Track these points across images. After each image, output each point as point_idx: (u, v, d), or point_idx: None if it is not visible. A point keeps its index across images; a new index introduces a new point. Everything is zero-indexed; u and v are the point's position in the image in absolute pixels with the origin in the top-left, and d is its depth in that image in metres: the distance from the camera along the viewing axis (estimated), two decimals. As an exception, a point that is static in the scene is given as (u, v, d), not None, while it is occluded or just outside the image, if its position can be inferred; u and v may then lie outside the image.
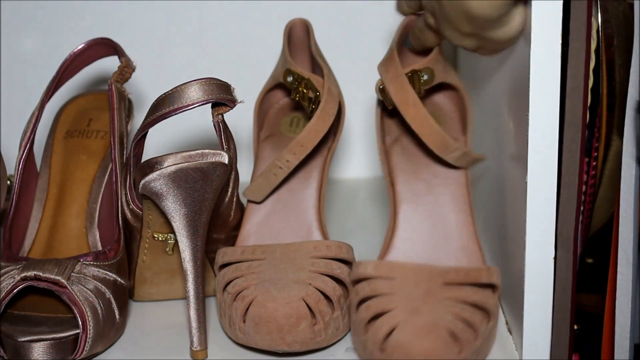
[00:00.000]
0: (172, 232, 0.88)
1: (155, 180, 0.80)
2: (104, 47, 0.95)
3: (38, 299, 0.84)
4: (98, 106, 0.99)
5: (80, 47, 0.94)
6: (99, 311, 0.81)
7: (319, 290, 0.82)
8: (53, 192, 0.93)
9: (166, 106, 0.82)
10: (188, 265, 0.82)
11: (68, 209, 0.92)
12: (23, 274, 0.81)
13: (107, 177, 0.93)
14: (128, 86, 0.95)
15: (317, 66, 0.94)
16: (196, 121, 1.05)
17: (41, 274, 0.81)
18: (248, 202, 0.92)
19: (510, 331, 0.86)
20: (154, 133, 0.87)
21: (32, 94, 0.98)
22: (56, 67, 0.93)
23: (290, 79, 0.92)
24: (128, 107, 0.95)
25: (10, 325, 0.81)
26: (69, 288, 0.81)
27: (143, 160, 0.84)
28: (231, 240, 0.91)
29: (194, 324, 0.82)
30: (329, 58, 0.97)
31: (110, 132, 0.91)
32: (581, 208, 0.84)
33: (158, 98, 0.83)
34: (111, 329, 0.83)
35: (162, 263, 0.90)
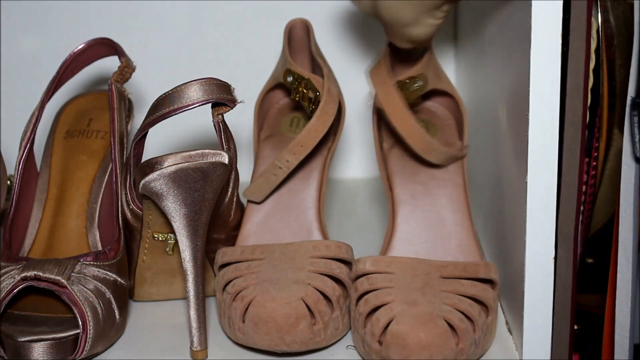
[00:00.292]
0: (172, 232, 0.88)
1: (155, 180, 0.80)
2: (104, 47, 0.95)
3: (38, 299, 0.83)
4: (98, 106, 0.99)
5: (80, 47, 0.94)
6: (99, 311, 0.81)
7: (318, 290, 0.82)
8: (53, 192, 0.93)
9: (166, 106, 0.82)
10: (188, 265, 0.82)
11: (68, 209, 0.92)
12: (23, 274, 0.81)
13: (107, 177, 0.93)
14: (128, 86, 0.95)
15: (317, 66, 0.94)
16: (196, 121, 1.05)
17: (41, 274, 0.81)
18: (248, 202, 0.92)
19: (510, 331, 0.86)
20: (154, 133, 0.87)
21: (32, 94, 0.98)
22: (56, 67, 0.93)
23: (290, 79, 0.92)
24: (128, 107, 0.95)
25: (10, 325, 0.81)
26: (69, 288, 0.81)
27: (143, 160, 0.84)
28: (231, 240, 0.91)
29: (194, 324, 0.82)
30: (329, 58, 0.97)
31: (110, 132, 0.91)
32: (581, 208, 0.84)
33: (158, 98, 0.83)
34: (111, 329, 0.83)
35: (162, 263, 0.90)
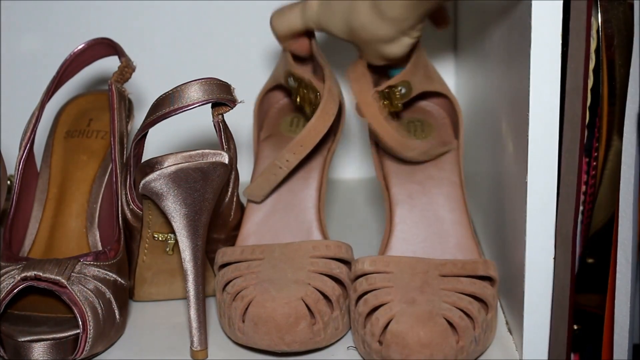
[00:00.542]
0: (172, 232, 0.88)
1: (155, 180, 0.80)
2: (104, 47, 0.95)
3: (38, 299, 0.83)
4: (98, 106, 0.99)
5: (80, 47, 0.94)
6: (99, 311, 0.81)
7: (318, 290, 0.82)
8: (53, 192, 0.93)
9: (166, 106, 0.82)
10: (188, 265, 0.82)
11: (68, 209, 0.92)
12: (23, 274, 0.81)
13: (107, 177, 0.93)
14: (128, 86, 0.95)
15: (319, 66, 0.94)
16: (196, 121, 1.05)
17: (41, 274, 0.81)
18: (248, 202, 0.92)
19: (510, 331, 0.86)
20: (154, 133, 0.87)
21: (32, 94, 0.98)
22: (56, 67, 0.93)
23: (291, 82, 0.92)
24: (128, 107, 0.95)
25: (10, 325, 0.81)
26: (69, 288, 0.81)
27: (143, 160, 0.84)
28: (231, 240, 0.91)
29: (194, 324, 0.82)
30: (329, 58, 0.97)
31: (110, 132, 0.91)
32: (581, 208, 0.84)
33: (158, 98, 0.83)
34: (111, 329, 0.83)
35: (162, 263, 0.90)
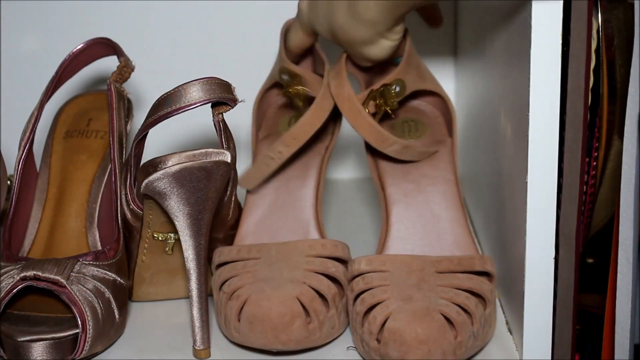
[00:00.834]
0: (172, 232, 0.88)
1: (159, 179, 0.80)
2: (103, 47, 0.95)
3: (37, 299, 0.83)
4: (98, 106, 0.98)
5: (79, 47, 0.94)
6: (99, 311, 0.81)
7: (314, 288, 0.82)
8: (53, 192, 0.93)
9: (168, 106, 0.82)
10: (191, 264, 0.82)
11: (68, 209, 0.92)
12: (22, 274, 0.81)
13: (107, 177, 0.93)
14: (127, 86, 0.95)
15: (320, 63, 0.94)
16: (195, 120, 1.05)
17: (40, 274, 0.81)
18: (246, 201, 0.92)
19: (510, 331, 0.86)
20: (154, 133, 0.87)
21: (32, 94, 0.98)
22: (56, 67, 0.93)
23: (284, 77, 0.92)
24: (127, 107, 0.95)
25: (10, 325, 0.81)
26: (69, 288, 0.81)
27: (144, 160, 0.84)
28: (229, 239, 0.91)
29: (197, 323, 0.82)
30: (328, 57, 0.97)
31: (109, 132, 0.91)
32: (582, 208, 0.84)
33: (159, 98, 0.83)
34: (111, 329, 0.83)
35: (161, 263, 0.90)
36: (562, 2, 0.76)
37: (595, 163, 0.84)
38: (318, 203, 0.91)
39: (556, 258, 0.80)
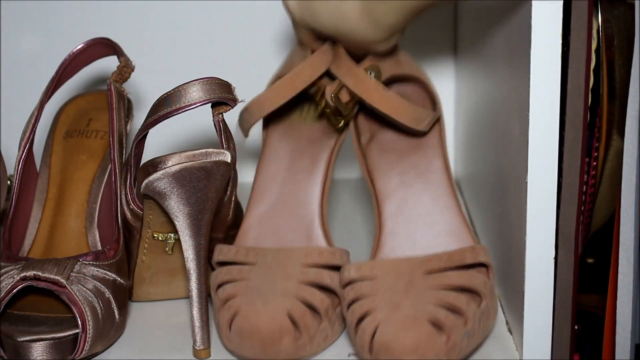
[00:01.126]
0: (172, 232, 0.88)
1: (159, 179, 0.80)
2: (103, 47, 0.95)
3: (37, 299, 0.83)
4: (98, 106, 0.98)
5: (79, 47, 0.94)
6: (99, 311, 0.81)
7: (306, 302, 0.82)
8: (53, 192, 0.93)
9: (168, 106, 0.82)
10: (191, 264, 0.82)
11: (68, 209, 0.92)
12: (22, 274, 0.81)
13: (107, 177, 0.93)
14: (127, 86, 0.95)
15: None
16: (195, 120, 1.05)
17: (40, 274, 0.81)
18: (252, 192, 0.91)
19: (510, 331, 0.86)
20: (154, 133, 0.87)
21: (32, 94, 0.98)
22: (56, 67, 0.93)
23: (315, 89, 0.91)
24: (127, 107, 0.95)
25: (10, 325, 0.81)
26: (69, 288, 0.81)
27: (144, 160, 0.84)
28: (229, 239, 0.91)
29: (197, 323, 0.82)
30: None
31: (109, 132, 0.91)
32: (582, 208, 0.84)
33: (159, 98, 0.83)
34: (111, 329, 0.83)
35: (161, 263, 0.90)
36: (562, 2, 0.76)
37: (595, 163, 0.84)
38: (324, 199, 0.91)
39: (556, 258, 0.80)
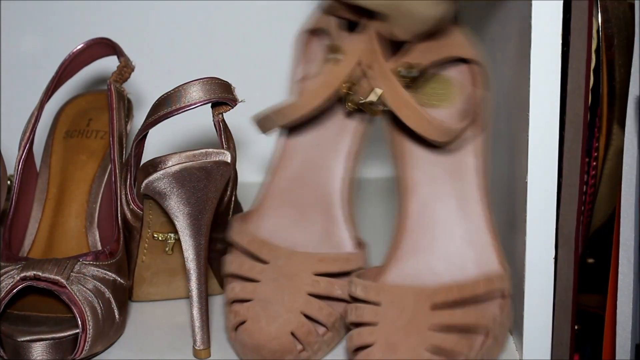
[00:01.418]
0: (172, 232, 0.88)
1: (159, 179, 0.80)
2: (103, 47, 0.95)
3: (37, 299, 0.83)
4: (98, 106, 0.99)
5: (79, 47, 0.94)
6: (99, 311, 0.81)
7: (313, 318, 0.81)
8: (53, 192, 0.93)
9: (168, 106, 0.82)
10: (191, 264, 0.82)
11: (68, 209, 0.92)
12: (22, 274, 0.81)
13: (107, 177, 0.93)
14: (127, 86, 0.95)
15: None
16: (196, 121, 1.05)
17: (40, 274, 0.81)
18: (272, 161, 0.89)
19: (510, 331, 0.86)
20: (154, 133, 0.87)
21: (32, 94, 0.98)
22: (56, 67, 0.93)
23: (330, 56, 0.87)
24: (127, 107, 0.95)
25: (10, 325, 0.81)
26: (69, 288, 0.81)
27: (144, 160, 0.84)
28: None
29: (197, 323, 0.82)
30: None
31: (109, 132, 0.91)
32: (582, 208, 0.84)
33: (159, 98, 0.83)
34: (111, 329, 0.83)
35: (161, 263, 0.90)
36: (562, 2, 0.76)
37: (595, 163, 0.84)
38: (348, 175, 0.87)
39: (556, 258, 0.80)
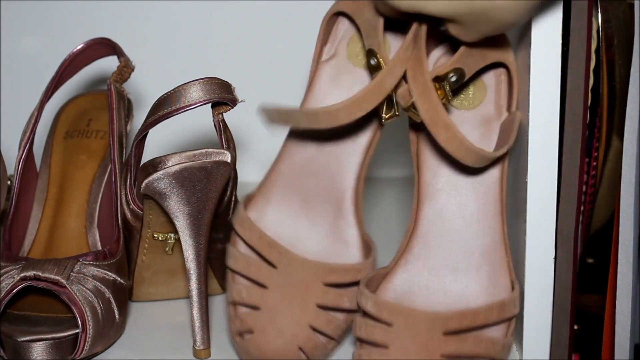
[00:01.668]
0: (172, 232, 0.88)
1: (159, 179, 0.80)
2: (103, 47, 0.95)
3: (37, 299, 0.83)
4: (98, 106, 0.99)
5: (79, 47, 0.94)
6: (99, 311, 0.81)
7: (321, 331, 0.80)
8: (53, 192, 0.93)
9: (168, 106, 0.82)
10: (191, 264, 0.82)
11: (68, 209, 0.92)
12: (23, 274, 0.81)
13: (107, 177, 0.93)
14: (127, 86, 0.95)
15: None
16: (196, 121, 1.05)
17: (40, 274, 0.81)
18: (284, 145, 0.85)
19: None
20: (154, 132, 0.87)
21: (32, 94, 0.98)
22: (56, 67, 0.93)
23: (372, 61, 0.79)
24: (127, 107, 0.95)
25: (10, 325, 0.81)
26: (69, 288, 0.81)
27: (144, 160, 0.84)
28: (229, 239, 0.91)
29: (197, 323, 0.82)
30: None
31: (109, 132, 0.91)
32: (581, 208, 0.84)
33: (159, 98, 0.83)
34: (111, 329, 0.83)
35: (161, 263, 0.90)
36: (562, 2, 0.76)
37: (595, 163, 0.84)
38: (362, 170, 0.84)
39: (555, 258, 0.80)
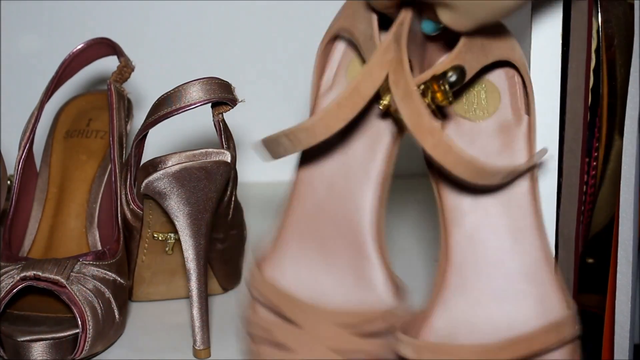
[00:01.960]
0: (173, 232, 0.88)
1: (159, 179, 0.80)
2: (103, 47, 0.95)
3: (37, 299, 0.83)
4: (98, 106, 0.99)
5: (79, 47, 0.94)
6: (99, 311, 0.81)
7: None
8: (53, 192, 0.93)
9: (168, 106, 0.82)
10: (191, 264, 0.82)
11: (68, 209, 0.92)
12: (22, 274, 0.81)
13: (107, 177, 0.93)
14: (127, 86, 0.95)
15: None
16: (193, 120, 1.05)
17: (40, 274, 0.81)
18: (292, 189, 0.80)
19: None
20: (154, 132, 0.87)
21: (32, 94, 0.98)
22: (56, 67, 0.93)
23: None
24: (127, 107, 0.95)
25: (9, 325, 0.81)
26: (69, 288, 0.81)
27: (144, 160, 0.84)
28: (230, 239, 0.91)
29: (197, 323, 0.82)
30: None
31: (109, 132, 0.91)
32: (582, 208, 0.84)
33: (159, 98, 0.83)
34: (111, 329, 0.83)
35: (161, 263, 0.90)
36: (562, 2, 0.76)
37: (595, 163, 0.84)
38: (380, 205, 0.77)
39: (556, 258, 0.80)
